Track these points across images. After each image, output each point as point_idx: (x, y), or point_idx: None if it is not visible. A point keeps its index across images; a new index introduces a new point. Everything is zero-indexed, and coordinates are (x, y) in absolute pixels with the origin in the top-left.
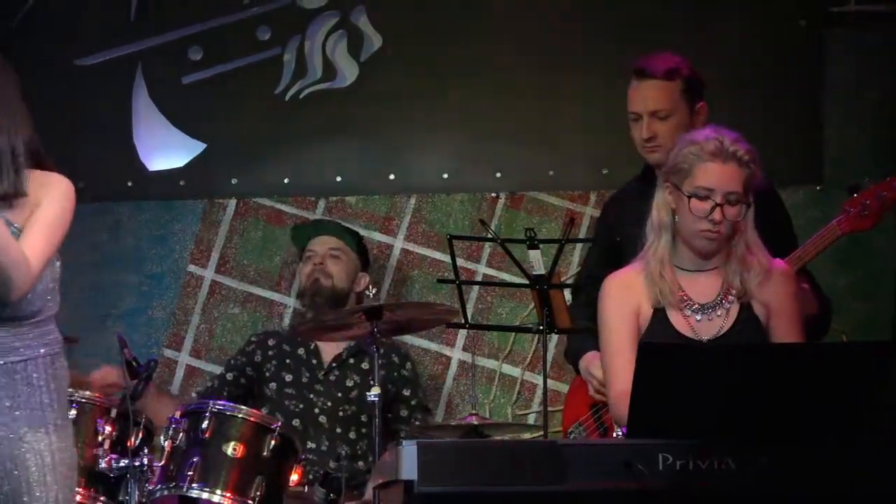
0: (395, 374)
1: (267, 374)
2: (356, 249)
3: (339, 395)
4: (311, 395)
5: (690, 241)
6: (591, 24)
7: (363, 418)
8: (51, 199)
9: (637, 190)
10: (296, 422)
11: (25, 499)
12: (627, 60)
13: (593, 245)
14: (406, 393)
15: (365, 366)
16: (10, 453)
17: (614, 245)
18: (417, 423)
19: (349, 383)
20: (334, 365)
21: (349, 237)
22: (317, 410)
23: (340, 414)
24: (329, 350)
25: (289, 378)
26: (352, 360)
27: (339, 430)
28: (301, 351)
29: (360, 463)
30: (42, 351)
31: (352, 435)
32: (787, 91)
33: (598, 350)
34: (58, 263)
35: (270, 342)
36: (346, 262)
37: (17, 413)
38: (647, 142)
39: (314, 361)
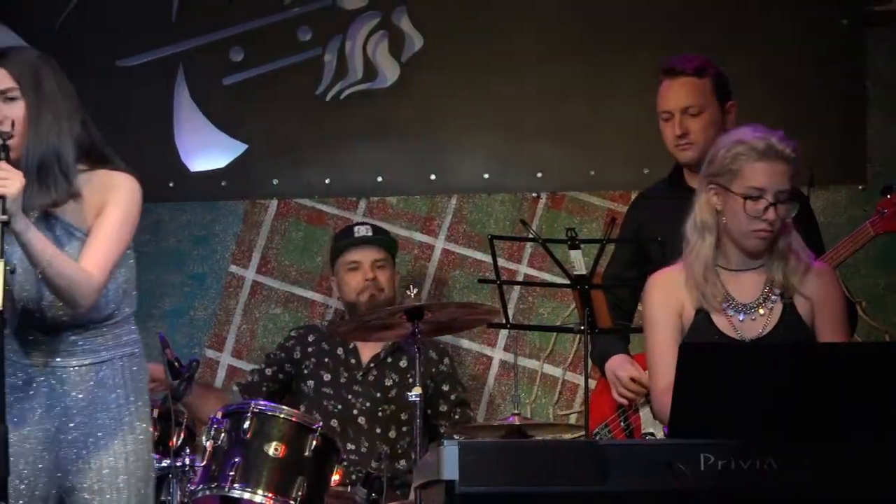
0: (434, 369)
1: (305, 372)
2: (392, 253)
3: (378, 395)
4: (350, 396)
5: (741, 240)
6: (633, 24)
7: (403, 417)
8: (115, 202)
9: (665, 191)
10: (334, 422)
11: (96, 499)
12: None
13: (617, 246)
14: (445, 388)
15: (403, 364)
16: (84, 455)
17: (637, 246)
18: (457, 417)
19: (388, 382)
20: (372, 365)
21: (386, 243)
22: (355, 412)
23: (379, 414)
24: (367, 350)
25: (327, 377)
26: (389, 360)
27: (378, 431)
28: (340, 350)
29: (402, 462)
30: (119, 353)
31: (391, 434)
32: (828, 90)
33: (625, 353)
34: (131, 261)
35: (310, 338)
36: (390, 271)
37: (93, 416)
38: (679, 139)
39: (353, 361)
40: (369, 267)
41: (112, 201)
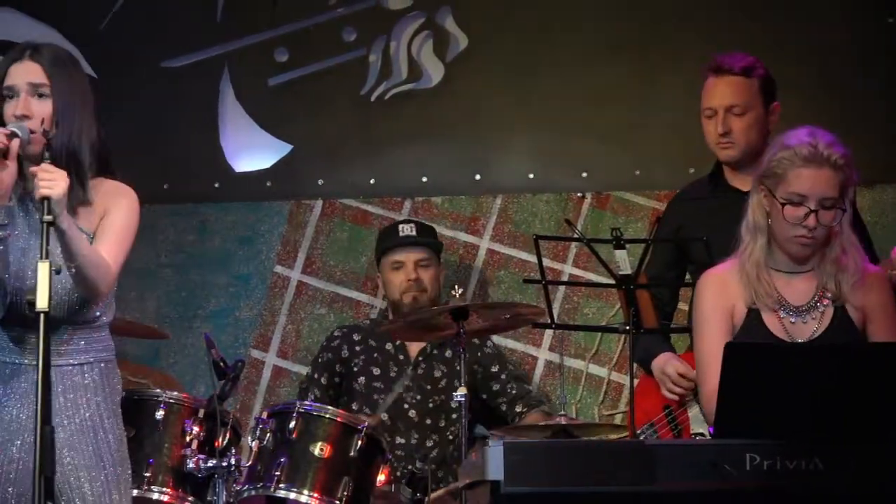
0: (479, 353)
1: (355, 370)
2: (436, 250)
3: (428, 387)
4: (400, 390)
5: (785, 245)
6: (679, 23)
7: (452, 405)
8: (120, 208)
9: (704, 190)
10: (384, 416)
11: (77, 495)
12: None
13: (657, 246)
14: (494, 369)
15: (449, 355)
16: (64, 457)
17: (679, 245)
18: (514, 391)
19: (437, 374)
20: (420, 358)
21: (430, 241)
22: (406, 405)
23: (430, 405)
24: (414, 344)
25: (377, 372)
26: (436, 352)
27: (428, 422)
28: (388, 346)
29: (450, 448)
30: (99, 356)
31: (441, 423)
32: (875, 88)
33: (669, 350)
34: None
35: (355, 337)
36: (434, 270)
37: (73, 417)
38: (721, 137)
39: (401, 357)
40: (413, 267)
41: (117, 206)
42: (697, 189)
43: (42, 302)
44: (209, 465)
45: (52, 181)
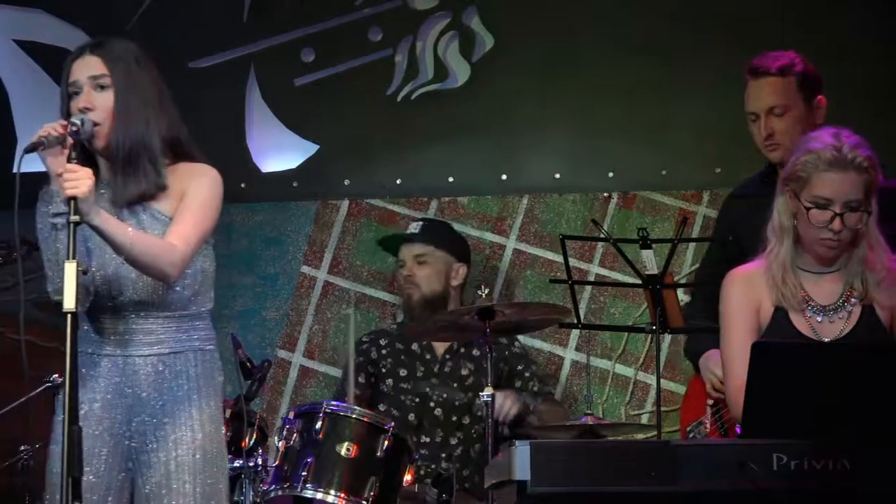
0: (506, 352)
1: (384, 371)
2: (446, 246)
3: (455, 384)
4: (427, 389)
5: (811, 247)
6: (705, 23)
7: (478, 402)
8: (196, 186)
9: (759, 187)
10: (411, 416)
11: (164, 491)
12: (742, 59)
13: (712, 243)
14: (519, 367)
15: (475, 353)
16: (152, 448)
17: (735, 242)
18: (535, 388)
19: (464, 372)
20: (447, 357)
21: (434, 237)
22: (432, 403)
23: (456, 403)
24: (440, 344)
25: (404, 373)
26: (463, 350)
27: (454, 419)
28: (415, 346)
29: (476, 446)
30: (190, 346)
31: (465, 421)
32: None
33: (718, 348)
34: (211, 254)
35: (382, 341)
36: (433, 264)
37: (162, 408)
38: (766, 140)
39: (428, 356)
40: (410, 263)
41: (195, 185)
42: (750, 187)
43: (69, 302)
44: (236, 465)
45: (76, 181)
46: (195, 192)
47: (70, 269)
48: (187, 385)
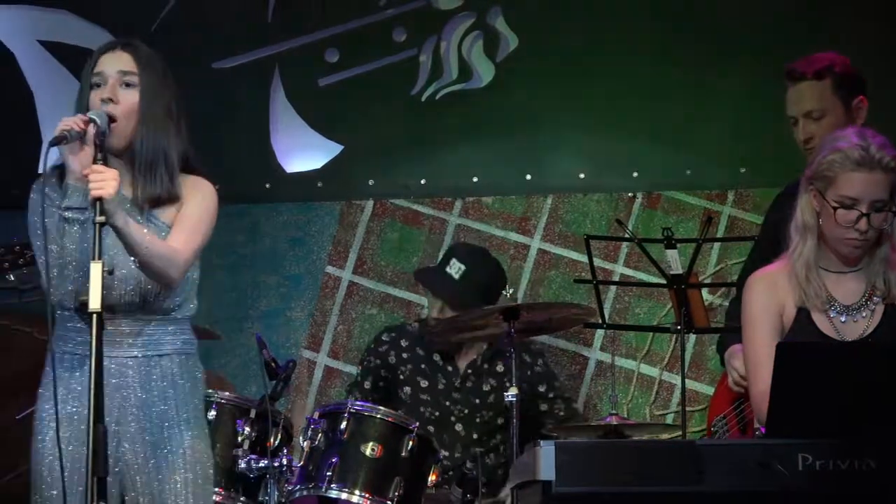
0: (529, 371)
1: (402, 378)
2: (482, 298)
3: (477, 401)
4: (448, 403)
5: (835, 246)
6: (730, 22)
7: (500, 421)
8: (194, 198)
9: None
10: (430, 428)
11: (156, 491)
12: (767, 59)
13: (759, 241)
14: (541, 389)
15: (500, 369)
16: (142, 450)
17: (779, 242)
18: (562, 414)
19: (486, 388)
20: (469, 371)
21: (472, 290)
22: (453, 418)
23: (477, 420)
24: (463, 356)
25: (424, 384)
26: (486, 366)
27: (474, 437)
28: (437, 357)
29: (491, 455)
30: (178, 349)
31: (484, 438)
32: None
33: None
34: (196, 273)
35: (403, 343)
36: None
37: (151, 410)
38: (805, 144)
39: (450, 368)
40: (438, 310)
41: (193, 197)
42: (794, 187)
43: (95, 302)
44: (261, 465)
45: (102, 181)
46: (194, 204)
47: (95, 269)
48: (173, 387)
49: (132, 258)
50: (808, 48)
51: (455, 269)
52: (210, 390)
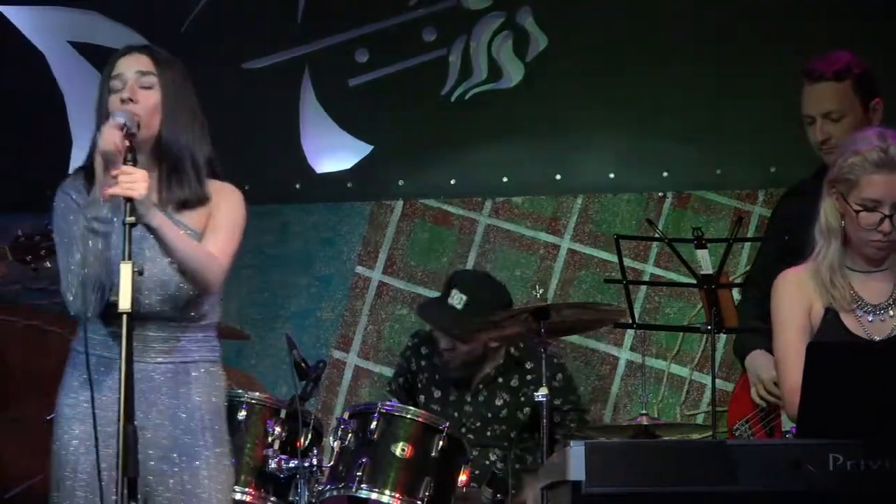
0: (548, 386)
1: (419, 385)
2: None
3: (489, 415)
4: (457, 414)
5: (860, 248)
6: (760, 22)
7: (512, 435)
8: (227, 205)
9: (812, 188)
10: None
11: (182, 497)
12: (797, 58)
13: (766, 241)
14: (557, 402)
15: (514, 383)
16: (166, 456)
17: (788, 241)
18: (573, 424)
19: (498, 402)
20: (481, 386)
21: (476, 316)
22: (464, 430)
23: (488, 434)
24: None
25: (437, 394)
26: (500, 379)
27: (480, 449)
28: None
29: (511, 470)
30: (204, 356)
31: (496, 452)
32: None
33: (764, 348)
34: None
35: (423, 350)
36: (472, 342)
37: (176, 415)
38: (822, 144)
39: (462, 382)
40: (447, 342)
41: (224, 203)
42: (805, 186)
43: (125, 303)
44: (291, 465)
45: (132, 182)
46: (226, 210)
47: (125, 269)
48: (198, 394)
49: (168, 261)
50: (839, 47)
51: (457, 299)
52: (240, 390)
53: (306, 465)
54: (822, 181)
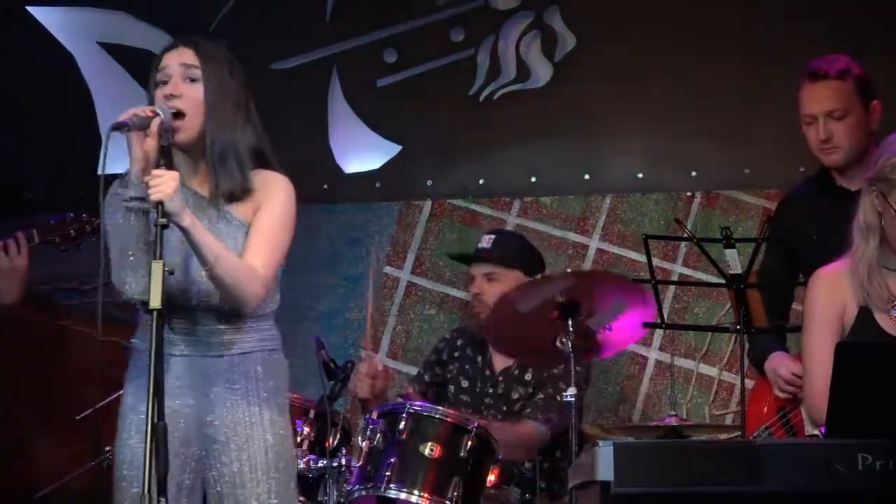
0: (545, 374)
1: (449, 376)
2: (518, 265)
3: (505, 408)
4: (482, 407)
5: None
6: (788, 21)
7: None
8: (273, 201)
9: (812, 191)
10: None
11: (238, 490)
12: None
13: (769, 246)
14: (531, 380)
15: (528, 377)
16: (224, 448)
17: (791, 245)
18: (539, 398)
19: (514, 396)
20: (500, 378)
21: (505, 255)
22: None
23: None
24: (500, 361)
25: (465, 384)
26: (517, 372)
27: None
28: (479, 359)
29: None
30: (259, 346)
31: None
32: None
33: (783, 350)
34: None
35: (458, 342)
36: (504, 282)
37: (233, 408)
38: (823, 143)
39: (487, 372)
40: (479, 280)
41: (270, 200)
42: (806, 189)
43: (155, 301)
44: (320, 465)
45: (160, 184)
46: (273, 207)
47: (157, 268)
48: (255, 386)
49: (204, 266)
50: (868, 46)
51: (486, 241)
52: None
53: (335, 465)
54: (822, 183)
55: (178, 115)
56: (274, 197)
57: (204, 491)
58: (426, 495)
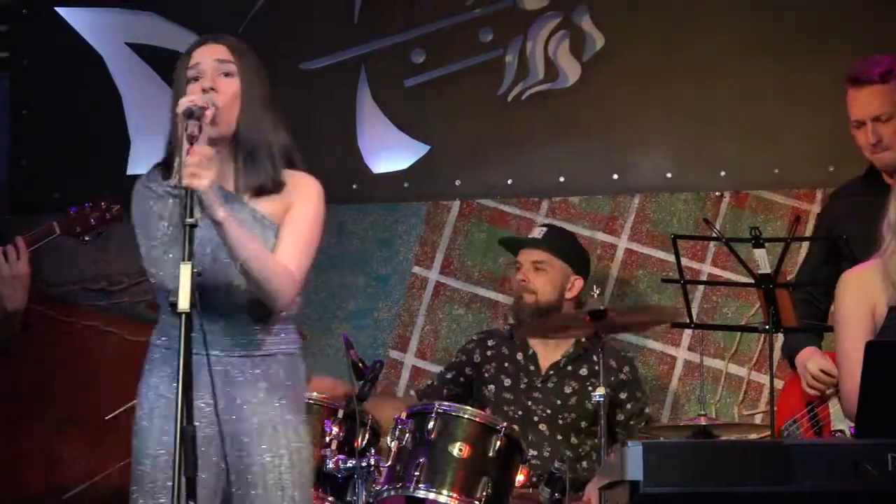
0: (613, 378)
1: (486, 376)
2: (566, 257)
3: (559, 402)
4: (530, 402)
5: None
6: (817, 21)
7: (583, 424)
8: (303, 202)
9: (860, 189)
10: (515, 427)
11: (261, 490)
12: (856, 58)
13: (811, 245)
14: (623, 396)
15: (583, 372)
16: (248, 450)
17: (836, 243)
18: (634, 424)
19: (567, 390)
20: (551, 372)
21: (556, 245)
22: (536, 418)
23: (560, 422)
24: (546, 356)
25: (507, 382)
26: (569, 367)
27: (559, 437)
28: (520, 356)
29: (584, 463)
30: (283, 349)
31: (573, 440)
32: None
33: (814, 346)
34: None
35: (490, 342)
36: (551, 272)
37: (257, 411)
38: (874, 146)
39: (532, 368)
40: (527, 267)
41: (302, 201)
42: (852, 187)
43: (184, 303)
44: (349, 465)
45: (198, 168)
46: (305, 210)
47: (185, 269)
48: (277, 388)
49: (236, 262)
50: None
51: (537, 231)
52: None
53: (364, 465)
54: (869, 181)
55: (203, 109)
56: (306, 198)
57: (225, 491)
58: (455, 495)
